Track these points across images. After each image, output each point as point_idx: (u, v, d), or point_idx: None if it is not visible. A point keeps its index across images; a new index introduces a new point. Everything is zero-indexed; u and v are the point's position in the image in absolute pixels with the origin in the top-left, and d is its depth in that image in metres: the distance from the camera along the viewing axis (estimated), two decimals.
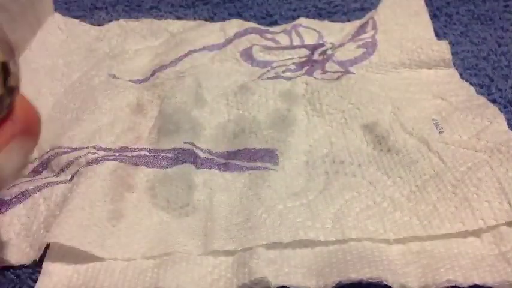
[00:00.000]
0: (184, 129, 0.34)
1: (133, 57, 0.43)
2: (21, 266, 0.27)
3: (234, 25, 0.44)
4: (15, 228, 0.29)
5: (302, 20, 0.46)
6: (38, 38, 0.43)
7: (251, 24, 0.45)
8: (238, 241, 0.27)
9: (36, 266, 0.27)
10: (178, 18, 0.49)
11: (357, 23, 0.45)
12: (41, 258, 0.27)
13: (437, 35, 0.44)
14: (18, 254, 0.27)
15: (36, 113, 0.23)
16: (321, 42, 0.43)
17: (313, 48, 0.42)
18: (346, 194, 0.29)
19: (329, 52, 0.41)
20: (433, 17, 0.46)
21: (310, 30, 0.45)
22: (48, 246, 0.27)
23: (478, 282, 0.24)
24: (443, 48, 0.39)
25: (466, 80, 0.38)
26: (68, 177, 0.31)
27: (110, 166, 0.31)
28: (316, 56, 0.41)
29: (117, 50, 0.44)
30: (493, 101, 0.36)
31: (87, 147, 0.33)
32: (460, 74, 0.39)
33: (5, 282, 0.27)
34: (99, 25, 0.47)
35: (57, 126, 0.36)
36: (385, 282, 0.24)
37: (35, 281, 0.26)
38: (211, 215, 0.29)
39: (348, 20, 0.47)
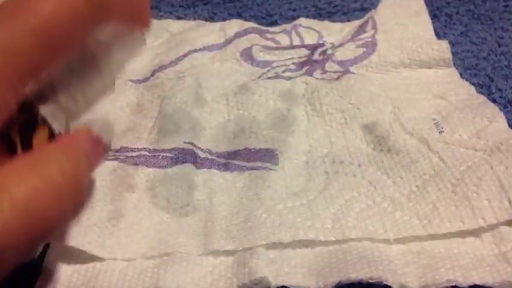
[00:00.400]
0: (184, 129, 0.34)
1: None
2: (21, 266, 0.27)
3: (234, 25, 0.44)
4: None
5: (302, 20, 0.46)
6: None
7: (251, 24, 0.45)
8: (238, 241, 0.27)
9: (36, 266, 0.27)
10: (178, 18, 0.49)
11: (356, 23, 0.45)
12: (41, 258, 0.27)
13: (437, 35, 0.43)
14: None
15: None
16: (321, 42, 0.43)
17: (313, 48, 0.42)
18: (346, 194, 0.29)
19: (329, 52, 0.41)
20: (433, 17, 0.46)
21: (310, 30, 0.45)
22: (48, 246, 0.27)
23: (478, 282, 0.24)
24: (443, 48, 0.39)
25: (466, 80, 0.38)
26: None
27: (109, 166, 0.31)
28: (316, 56, 0.41)
29: None
30: (493, 101, 0.36)
31: None
32: (460, 74, 0.39)
33: (4, 282, 0.27)
34: None
35: None
36: (385, 282, 0.24)
37: (35, 281, 0.26)
38: (211, 215, 0.29)
39: (348, 20, 0.47)
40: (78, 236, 0.27)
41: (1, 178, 0.17)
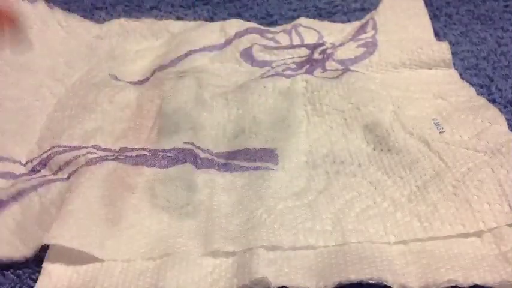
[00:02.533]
0: (184, 129, 0.34)
1: (134, 59, 0.43)
2: (21, 266, 0.27)
3: (234, 25, 0.44)
4: (10, 227, 0.28)
5: (302, 20, 0.46)
6: (37, 34, 0.42)
7: (251, 24, 0.45)
8: (238, 242, 0.27)
9: (36, 266, 0.27)
10: (179, 18, 0.49)
11: (357, 23, 0.45)
12: (41, 259, 0.27)
13: (437, 35, 0.44)
14: (10, 250, 0.27)
15: None
16: (321, 42, 0.43)
17: (313, 48, 0.42)
18: (346, 194, 0.29)
19: (329, 51, 0.41)
20: (433, 17, 0.46)
21: (310, 30, 0.45)
22: (48, 246, 0.27)
23: (478, 282, 0.24)
24: (443, 49, 0.39)
25: (466, 80, 0.38)
26: (65, 176, 0.31)
27: (109, 166, 0.31)
28: (316, 55, 0.41)
29: (118, 50, 0.44)
30: (493, 101, 0.36)
31: (87, 147, 0.33)
32: (460, 74, 0.39)
33: (5, 282, 0.27)
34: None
35: (58, 126, 0.36)
36: (385, 283, 0.24)
37: (35, 281, 0.26)
38: (211, 215, 0.29)
39: (348, 20, 0.47)
40: (78, 237, 0.27)
41: None
